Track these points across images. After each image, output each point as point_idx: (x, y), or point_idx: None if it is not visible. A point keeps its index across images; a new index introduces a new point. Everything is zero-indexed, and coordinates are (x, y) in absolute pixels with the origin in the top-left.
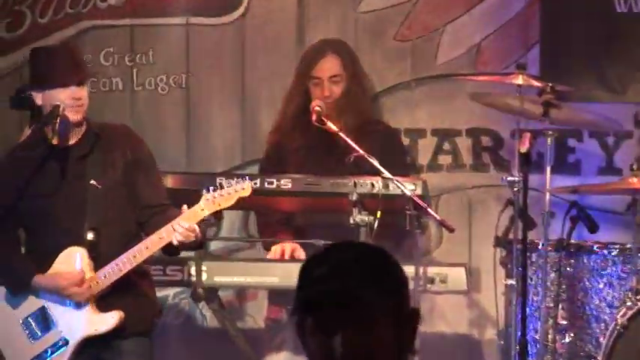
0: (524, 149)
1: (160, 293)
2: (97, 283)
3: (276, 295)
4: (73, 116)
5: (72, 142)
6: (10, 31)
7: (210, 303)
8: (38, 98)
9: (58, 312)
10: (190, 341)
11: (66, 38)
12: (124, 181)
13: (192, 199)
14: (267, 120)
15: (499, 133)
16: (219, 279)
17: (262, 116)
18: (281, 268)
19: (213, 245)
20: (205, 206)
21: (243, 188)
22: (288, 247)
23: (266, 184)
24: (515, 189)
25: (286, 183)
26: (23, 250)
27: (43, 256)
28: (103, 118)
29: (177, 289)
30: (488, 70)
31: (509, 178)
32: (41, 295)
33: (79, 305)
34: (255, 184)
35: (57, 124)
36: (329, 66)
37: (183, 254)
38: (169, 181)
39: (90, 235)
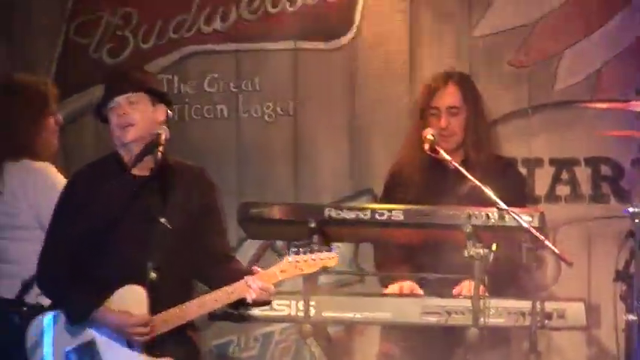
0: None
1: (267, 329)
2: (155, 326)
3: (388, 330)
4: (120, 137)
5: (143, 172)
6: (112, 57)
7: (318, 339)
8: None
9: (107, 349)
10: None
11: (169, 64)
12: (193, 226)
13: (300, 230)
14: (378, 147)
15: (619, 162)
16: (328, 314)
17: (373, 144)
18: (394, 303)
19: (322, 279)
20: (286, 269)
21: (330, 258)
22: (407, 286)
23: (377, 215)
24: (637, 220)
25: (398, 214)
26: None
27: (96, 286)
28: (207, 146)
29: (284, 325)
30: (607, 96)
31: (631, 209)
32: (94, 328)
33: (131, 346)
34: (366, 214)
35: (159, 154)
36: (448, 97)
37: (292, 287)
38: (276, 212)
39: (153, 275)
